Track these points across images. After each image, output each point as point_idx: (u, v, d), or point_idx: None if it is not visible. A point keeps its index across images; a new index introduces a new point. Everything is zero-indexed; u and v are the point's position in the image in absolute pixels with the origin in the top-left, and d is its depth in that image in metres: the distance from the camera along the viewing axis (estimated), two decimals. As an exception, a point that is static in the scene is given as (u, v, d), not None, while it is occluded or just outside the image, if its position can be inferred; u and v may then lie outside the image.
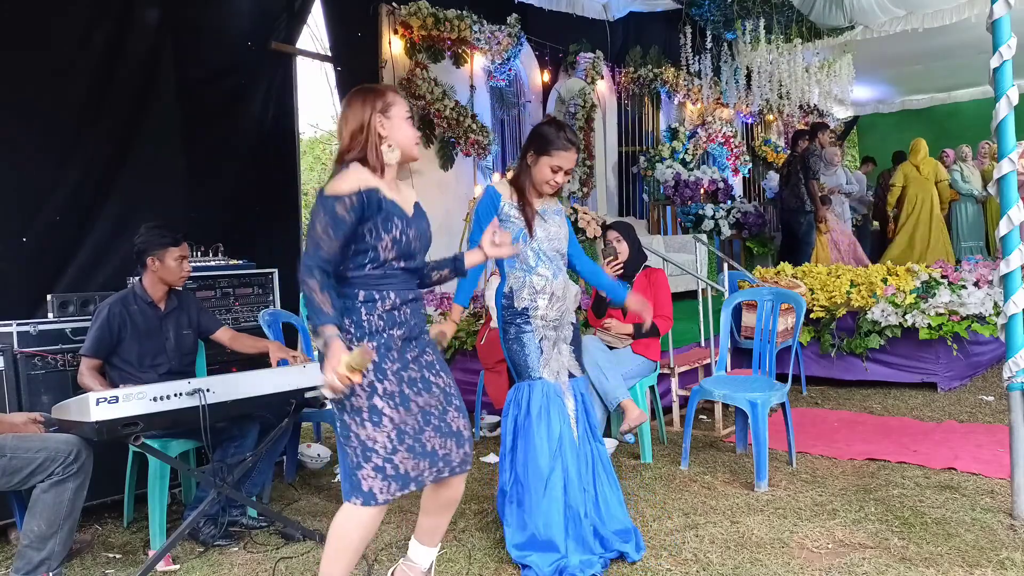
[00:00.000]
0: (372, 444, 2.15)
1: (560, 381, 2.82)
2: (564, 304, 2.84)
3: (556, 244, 2.85)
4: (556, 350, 2.83)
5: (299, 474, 4.08)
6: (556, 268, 2.84)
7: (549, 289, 2.80)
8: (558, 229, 2.87)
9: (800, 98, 9.22)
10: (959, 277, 5.34)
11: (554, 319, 2.82)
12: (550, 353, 2.81)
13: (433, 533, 2.51)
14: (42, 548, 2.54)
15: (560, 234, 2.87)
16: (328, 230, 2.12)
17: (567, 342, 2.87)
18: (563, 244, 2.88)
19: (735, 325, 5.13)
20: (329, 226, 2.12)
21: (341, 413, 2.18)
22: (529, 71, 8.04)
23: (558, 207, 2.93)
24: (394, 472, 2.17)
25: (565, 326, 2.87)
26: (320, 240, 2.12)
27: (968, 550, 2.70)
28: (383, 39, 6.26)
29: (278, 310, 4.25)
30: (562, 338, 2.85)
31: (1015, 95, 2.89)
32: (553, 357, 2.82)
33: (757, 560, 2.70)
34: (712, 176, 9.54)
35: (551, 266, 2.82)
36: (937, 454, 3.78)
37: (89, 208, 4.17)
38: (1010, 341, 2.94)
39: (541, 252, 2.82)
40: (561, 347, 2.85)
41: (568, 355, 2.86)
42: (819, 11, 7.81)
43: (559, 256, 2.86)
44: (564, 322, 2.86)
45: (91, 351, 3.21)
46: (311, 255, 2.11)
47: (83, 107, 4.14)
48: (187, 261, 3.40)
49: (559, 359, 2.83)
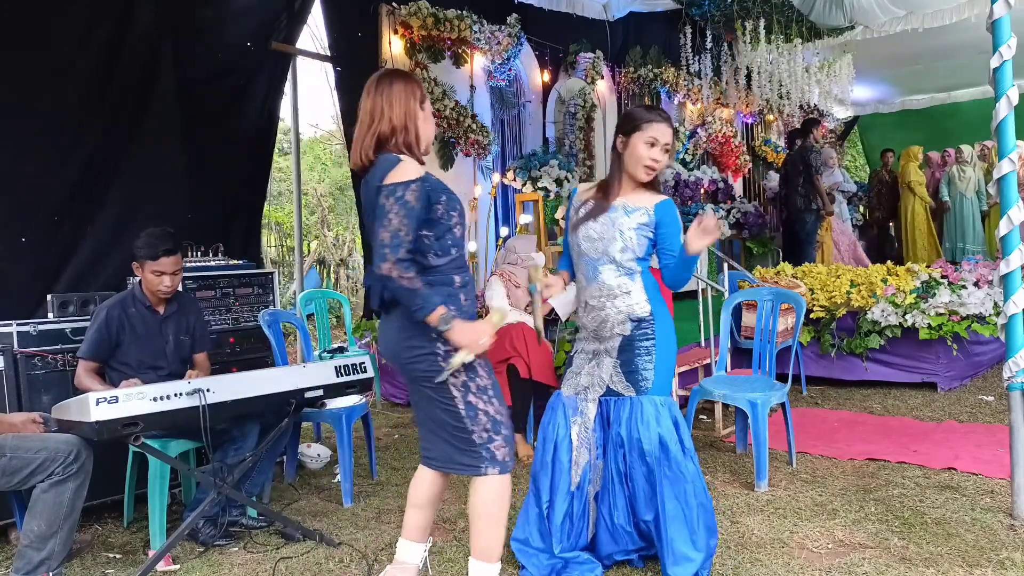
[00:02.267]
0: (499, 417, 2.31)
1: (582, 396, 2.66)
2: (603, 313, 2.59)
3: (600, 245, 2.59)
4: (595, 363, 2.64)
5: (299, 474, 4.08)
6: (593, 269, 2.60)
7: (583, 298, 2.66)
8: (603, 228, 2.58)
9: (800, 98, 9.21)
10: (959, 277, 5.34)
11: (592, 329, 2.64)
12: (582, 366, 2.67)
13: (424, 528, 2.53)
14: (42, 548, 2.54)
15: (608, 234, 2.57)
16: (405, 220, 2.17)
17: (612, 355, 2.60)
18: (612, 245, 2.57)
19: (735, 325, 5.13)
20: (406, 216, 2.17)
21: (466, 395, 2.27)
22: (529, 71, 8.04)
23: (633, 206, 2.59)
24: (511, 441, 2.35)
25: (611, 338, 2.60)
26: (399, 231, 2.16)
27: (968, 550, 2.70)
28: (383, 39, 6.26)
29: (278, 310, 4.25)
30: (605, 350, 2.62)
31: (1015, 95, 2.89)
32: (584, 372, 2.66)
33: (757, 560, 2.70)
34: (712, 176, 9.54)
35: (588, 269, 2.62)
36: (937, 454, 3.78)
37: (89, 208, 4.17)
38: (1010, 341, 2.94)
39: (581, 255, 2.65)
40: (603, 360, 2.62)
41: (611, 368, 2.60)
42: (819, 11, 7.81)
43: (603, 257, 2.60)
44: (607, 334, 2.61)
45: (89, 354, 3.20)
46: (395, 248, 2.14)
47: (83, 107, 4.14)
48: (168, 277, 3.24)
49: (594, 373, 2.63)
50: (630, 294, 2.58)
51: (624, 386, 2.59)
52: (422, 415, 2.40)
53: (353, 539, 3.11)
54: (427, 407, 2.35)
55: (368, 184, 2.29)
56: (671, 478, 2.52)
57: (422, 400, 2.36)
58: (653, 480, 2.54)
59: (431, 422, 2.36)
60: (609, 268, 2.60)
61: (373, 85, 2.34)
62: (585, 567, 2.61)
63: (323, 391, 3.11)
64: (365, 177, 2.32)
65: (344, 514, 3.43)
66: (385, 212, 2.17)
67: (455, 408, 2.28)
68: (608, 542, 2.67)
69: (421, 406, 2.39)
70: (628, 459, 2.58)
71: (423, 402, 2.36)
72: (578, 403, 2.66)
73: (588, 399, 2.65)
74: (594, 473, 2.67)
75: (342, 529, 3.24)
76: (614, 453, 2.62)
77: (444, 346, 2.24)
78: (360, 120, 2.32)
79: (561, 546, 2.63)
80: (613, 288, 2.59)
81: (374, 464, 4.02)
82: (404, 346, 2.29)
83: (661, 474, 2.52)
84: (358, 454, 4.20)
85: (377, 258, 2.17)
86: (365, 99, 2.32)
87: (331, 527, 3.26)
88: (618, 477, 2.63)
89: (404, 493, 3.68)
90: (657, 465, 2.53)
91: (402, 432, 4.96)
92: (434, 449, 2.38)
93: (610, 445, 2.64)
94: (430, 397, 2.31)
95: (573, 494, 2.65)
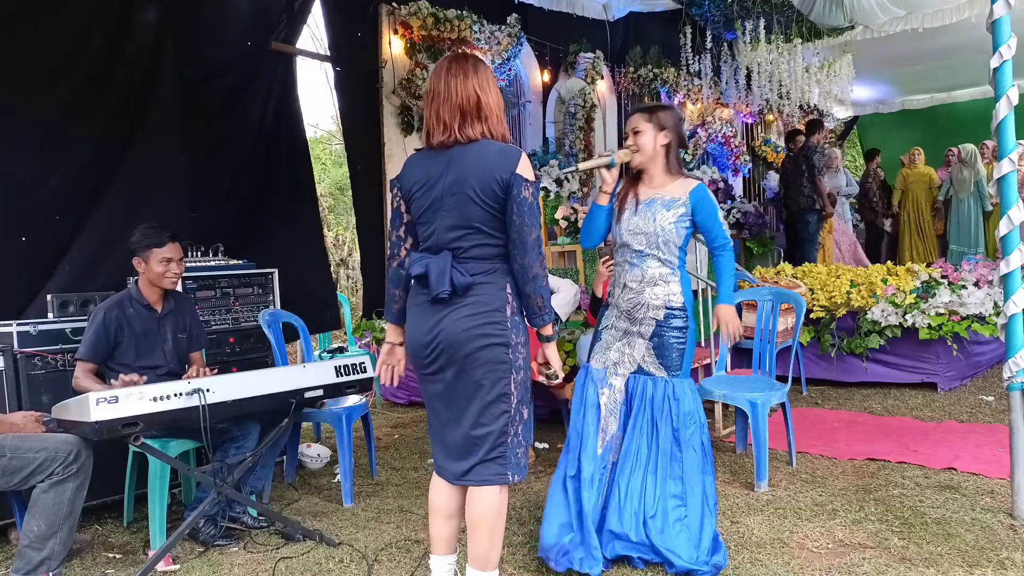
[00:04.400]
0: (531, 422, 2.33)
1: (611, 370, 2.83)
2: (641, 297, 2.79)
3: (642, 237, 2.80)
4: (625, 341, 2.83)
5: (299, 474, 4.08)
6: (638, 258, 2.81)
7: (623, 279, 2.85)
8: (643, 222, 2.79)
9: (800, 98, 9.21)
10: (959, 277, 5.34)
11: (625, 310, 2.83)
12: (612, 343, 2.85)
13: (454, 537, 2.44)
14: (42, 548, 2.54)
15: (648, 228, 2.78)
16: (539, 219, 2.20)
17: (645, 337, 2.79)
18: (653, 236, 2.78)
19: (735, 325, 5.13)
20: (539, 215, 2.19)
21: (522, 394, 2.26)
22: (529, 71, 8.04)
23: (670, 198, 2.80)
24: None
25: (643, 321, 2.79)
26: (539, 232, 2.19)
27: (968, 550, 2.70)
28: (383, 39, 6.26)
29: (278, 310, 4.25)
30: (637, 332, 2.80)
31: (1015, 95, 2.89)
32: (615, 348, 2.84)
33: (757, 560, 2.70)
34: (712, 176, 9.54)
35: (630, 255, 2.83)
36: (937, 454, 3.78)
37: (89, 208, 4.16)
38: (1010, 341, 2.94)
39: (623, 241, 2.86)
40: (635, 341, 2.81)
41: (644, 350, 2.80)
42: (819, 11, 7.81)
43: (648, 248, 2.79)
44: (640, 316, 2.80)
45: (87, 355, 3.20)
46: (541, 251, 2.18)
47: (83, 107, 4.14)
48: (175, 263, 3.30)
49: (625, 351, 2.82)
50: (669, 284, 2.78)
51: (656, 367, 2.78)
52: (453, 416, 2.28)
53: (353, 539, 3.11)
54: (464, 403, 2.23)
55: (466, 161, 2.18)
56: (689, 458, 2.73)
57: (462, 399, 2.24)
58: (676, 455, 2.73)
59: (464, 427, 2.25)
60: (652, 258, 2.79)
61: (471, 66, 2.24)
62: (587, 561, 2.63)
63: (323, 391, 3.11)
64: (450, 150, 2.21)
65: (344, 514, 3.43)
66: (534, 209, 2.16)
67: (506, 405, 2.22)
68: (615, 521, 2.72)
69: (455, 404, 2.26)
70: (659, 430, 2.75)
71: (462, 400, 2.24)
72: (607, 376, 2.82)
73: (617, 374, 2.82)
74: (615, 443, 2.82)
75: (342, 529, 3.24)
76: (640, 430, 2.77)
77: (516, 337, 2.22)
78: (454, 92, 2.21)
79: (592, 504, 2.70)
80: (655, 277, 2.78)
81: (374, 464, 4.02)
82: (477, 333, 2.19)
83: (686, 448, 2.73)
84: (358, 454, 4.20)
85: (533, 255, 2.16)
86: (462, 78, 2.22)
87: (331, 527, 3.26)
88: (637, 455, 2.77)
89: (404, 493, 3.69)
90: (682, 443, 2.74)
91: (402, 432, 4.96)
92: (461, 461, 2.26)
93: (634, 422, 2.78)
94: (477, 395, 2.21)
95: (596, 459, 2.76)
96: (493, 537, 2.28)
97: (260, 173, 5.20)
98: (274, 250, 4.95)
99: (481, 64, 2.28)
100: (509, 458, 2.24)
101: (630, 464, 2.77)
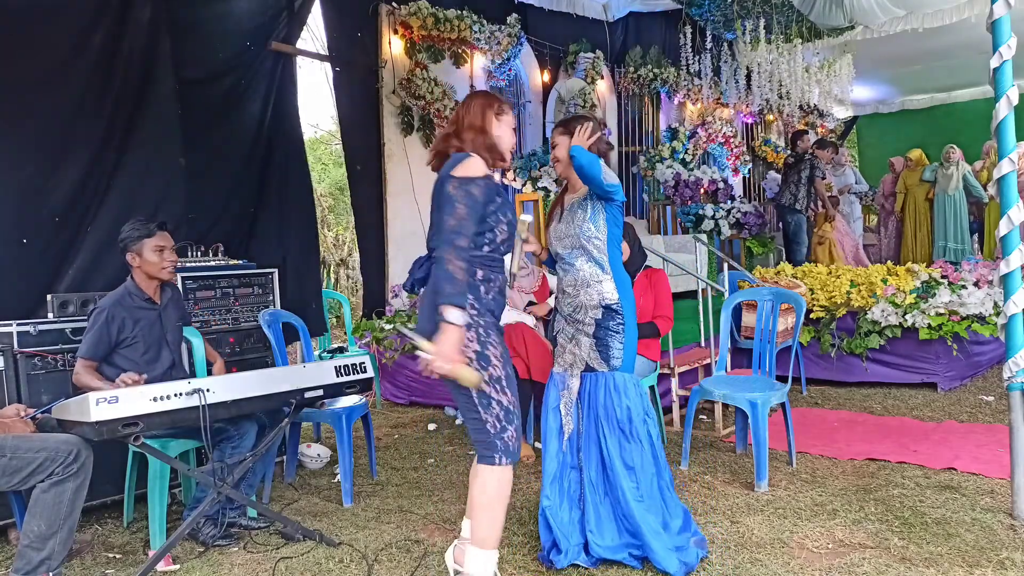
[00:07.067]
0: (512, 407, 2.42)
1: (568, 372, 2.91)
2: (577, 300, 2.88)
3: (567, 241, 2.91)
4: (573, 343, 2.91)
5: (299, 474, 4.08)
6: (567, 264, 2.92)
7: (562, 285, 2.97)
8: (566, 227, 2.90)
9: (800, 98, 9.21)
10: (959, 277, 5.34)
11: (567, 314, 2.92)
12: (565, 345, 2.94)
13: None
14: (42, 548, 2.54)
15: (570, 231, 2.88)
16: (469, 212, 2.30)
17: (588, 335, 2.87)
18: (576, 238, 2.87)
19: (735, 325, 5.13)
20: (470, 208, 2.30)
21: (495, 391, 2.38)
22: (529, 71, 8.04)
23: (582, 197, 2.91)
24: (520, 434, 2.46)
25: (584, 322, 2.87)
26: (463, 223, 2.29)
27: (968, 550, 2.70)
28: (383, 39, 6.26)
29: (278, 310, 4.25)
30: (582, 331, 2.88)
31: (1015, 95, 2.89)
32: (567, 350, 2.92)
33: (757, 560, 2.70)
34: (712, 176, 9.54)
35: (563, 261, 2.94)
36: (937, 454, 3.78)
37: (89, 208, 4.16)
38: (1010, 341, 2.94)
39: (554, 249, 2.98)
40: (580, 340, 2.89)
41: (589, 348, 2.87)
42: (819, 11, 7.81)
43: (575, 251, 2.89)
44: (581, 317, 2.88)
45: (89, 353, 3.19)
46: (459, 235, 2.27)
47: (82, 107, 4.13)
48: (168, 251, 3.33)
49: (574, 352, 2.90)
50: (602, 283, 2.86)
51: (599, 363, 2.86)
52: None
53: (353, 539, 3.11)
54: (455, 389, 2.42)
55: (439, 177, 2.44)
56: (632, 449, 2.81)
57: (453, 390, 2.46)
58: (623, 449, 2.82)
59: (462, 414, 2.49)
60: (582, 259, 2.89)
61: (463, 101, 2.57)
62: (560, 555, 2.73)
63: (323, 391, 3.11)
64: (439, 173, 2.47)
65: (344, 514, 3.43)
66: (453, 201, 2.30)
67: (467, 393, 2.37)
68: (593, 517, 2.80)
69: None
70: (606, 430, 2.82)
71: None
72: (566, 379, 2.93)
73: (572, 375, 2.91)
74: (574, 441, 2.90)
75: (342, 529, 3.24)
76: (589, 436, 2.86)
77: (470, 333, 2.34)
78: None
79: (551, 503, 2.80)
80: (588, 278, 2.87)
81: (374, 464, 4.02)
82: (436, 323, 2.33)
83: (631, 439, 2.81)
84: (358, 454, 4.21)
85: (439, 241, 2.29)
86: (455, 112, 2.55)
87: (331, 527, 3.26)
88: (596, 451, 2.87)
89: (404, 493, 3.69)
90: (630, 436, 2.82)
91: (402, 432, 4.96)
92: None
93: (587, 424, 2.88)
94: (456, 387, 2.38)
95: (560, 456, 2.87)
96: (490, 518, 2.43)
97: (260, 173, 5.20)
98: (271, 251, 4.96)
99: (469, 95, 2.59)
100: (493, 441, 2.39)
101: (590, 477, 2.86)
